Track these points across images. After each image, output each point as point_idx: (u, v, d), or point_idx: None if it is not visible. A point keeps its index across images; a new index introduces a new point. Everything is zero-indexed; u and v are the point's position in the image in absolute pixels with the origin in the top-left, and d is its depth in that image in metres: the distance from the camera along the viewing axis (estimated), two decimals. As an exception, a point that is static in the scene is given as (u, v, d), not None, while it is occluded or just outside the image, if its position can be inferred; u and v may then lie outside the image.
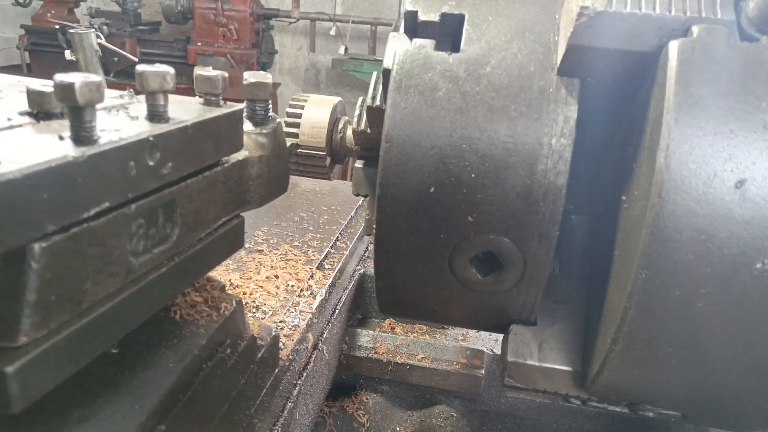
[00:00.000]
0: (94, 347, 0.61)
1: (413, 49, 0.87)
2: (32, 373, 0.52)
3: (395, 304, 1.03)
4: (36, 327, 0.52)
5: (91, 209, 0.55)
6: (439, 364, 1.59)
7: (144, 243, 0.65)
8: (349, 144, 1.25)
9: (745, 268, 0.68)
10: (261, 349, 1.02)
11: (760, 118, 0.68)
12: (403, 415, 1.66)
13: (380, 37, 7.39)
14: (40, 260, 0.51)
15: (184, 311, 0.85)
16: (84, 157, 0.53)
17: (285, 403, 1.18)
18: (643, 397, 0.87)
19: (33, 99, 0.61)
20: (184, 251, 0.74)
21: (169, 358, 0.77)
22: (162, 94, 0.66)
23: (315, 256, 1.56)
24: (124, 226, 0.61)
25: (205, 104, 0.78)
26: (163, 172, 0.65)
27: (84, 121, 0.55)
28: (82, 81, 0.53)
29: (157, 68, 0.65)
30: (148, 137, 0.61)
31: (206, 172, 0.75)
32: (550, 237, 0.83)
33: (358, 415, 1.62)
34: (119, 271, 0.62)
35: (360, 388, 1.69)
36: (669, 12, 0.73)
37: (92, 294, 0.58)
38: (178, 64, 6.74)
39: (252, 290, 1.32)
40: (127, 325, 0.66)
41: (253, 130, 0.89)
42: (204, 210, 0.77)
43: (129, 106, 0.72)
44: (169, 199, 0.68)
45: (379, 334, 1.67)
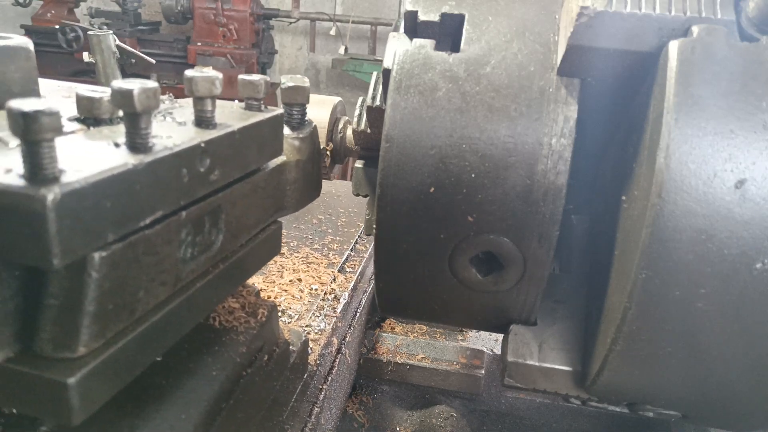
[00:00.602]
0: (147, 356, 0.61)
1: (413, 49, 0.87)
2: (92, 384, 0.52)
3: (395, 304, 1.03)
4: (94, 337, 0.52)
5: (147, 217, 0.55)
6: (439, 364, 1.59)
7: (191, 250, 0.65)
8: (349, 144, 1.25)
9: (745, 268, 0.68)
10: (293, 354, 1.01)
11: (760, 118, 0.67)
12: (403, 415, 1.66)
13: (380, 37, 7.39)
14: (100, 270, 0.50)
15: (222, 318, 0.85)
16: (142, 165, 0.52)
17: (312, 408, 1.17)
18: (643, 397, 0.87)
19: (82, 105, 0.61)
20: (228, 258, 0.74)
21: (211, 366, 0.76)
22: (210, 99, 0.66)
23: (336, 258, 1.56)
24: (175, 233, 0.61)
25: (246, 108, 0.77)
26: (212, 178, 0.64)
27: (140, 128, 0.54)
28: (140, 87, 0.53)
29: (206, 73, 0.64)
30: (200, 143, 0.61)
31: (249, 178, 0.75)
32: (550, 237, 0.83)
33: (358, 415, 1.62)
34: (169, 279, 0.61)
35: (360, 388, 1.69)
36: (669, 12, 0.73)
37: (145, 303, 0.58)
38: (178, 64, 6.75)
39: (276, 294, 1.31)
40: (176, 333, 0.66)
41: (290, 135, 0.89)
42: (246, 216, 0.76)
43: (173, 111, 0.71)
44: (216, 205, 0.68)
45: (379, 334, 1.66)
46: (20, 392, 0.51)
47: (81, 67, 5.90)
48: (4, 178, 0.44)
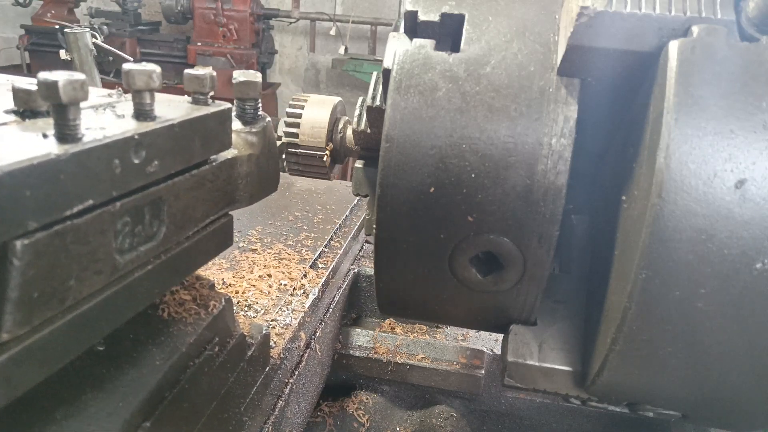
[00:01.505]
0: (79, 344, 0.62)
1: (413, 49, 0.87)
2: (14, 370, 0.53)
3: (395, 304, 1.03)
4: (18, 324, 0.52)
5: (74, 207, 0.55)
6: (439, 364, 1.59)
7: (130, 240, 0.66)
8: (349, 144, 1.25)
9: (745, 268, 0.68)
10: (251, 347, 1.02)
11: (760, 118, 0.68)
12: (403, 415, 1.66)
13: (380, 37, 7.39)
14: (22, 257, 0.51)
15: (172, 309, 0.86)
16: (67, 155, 0.53)
17: (276, 402, 1.18)
18: (643, 397, 0.87)
19: (19, 97, 0.62)
20: (172, 249, 0.74)
21: (155, 356, 0.77)
22: (148, 92, 0.67)
23: (309, 255, 1.56)
24: (109, 223, 0.61)
25: (193, 103, 0.78)
26: (149, 170, 0.65)
27: (68, 119, 0.55)
28: (65, 79, 0.54)
29: (143, 66, 0.65)
30: (134, 135, 0.62)
31: (194, 171, 0.76)
32: (550, 237, 0.83)
33: (358, 415, 1.62)
34: (104, 268, 0.62)
35: (360, 388, 1.69)
36: (669, 12, 0.73)
37: (76, 291, 0.58)
38: (178, 64, 6.75)
39: (245, 289, 1.32)
40: (112, 322, 0.66)
41: (243, 129, 0.90)
42: (192, 208, 0.77)
43: (116, 105, 0.72)
44: (156, 197, 0.68)
45: (379, 334, 1.67)
46: None
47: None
48: None
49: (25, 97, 0.61)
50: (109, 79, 5.65)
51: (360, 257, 1.87)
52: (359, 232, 1.85)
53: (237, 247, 1.54)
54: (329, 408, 1.63)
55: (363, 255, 1.89)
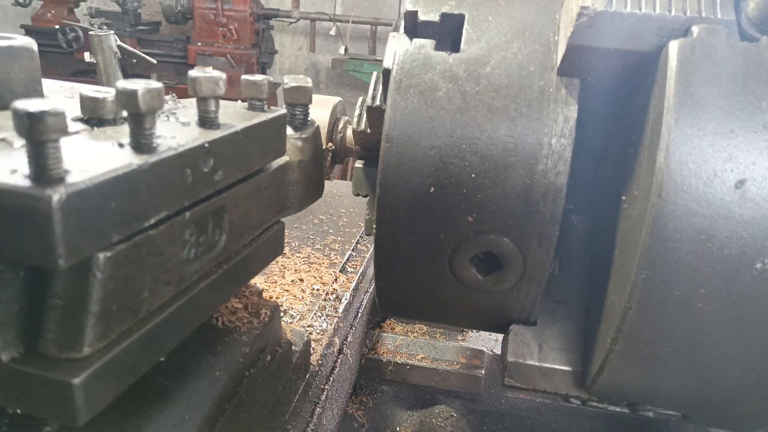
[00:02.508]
0: (152, 356, 0.61)
1: (413, 49, 0.87)
2: (96, 384, 0.52)
3: (395, 304, 1.03)
4: (99, 337, 0.52)
5: (151, 218, 0.55)
6: (439, 364, 1.59)
7: (195, 250, 0.65)
8: (349, 144, 1.25)
9: (745, 268, 0.68)
10: (295, 354, 1.01)
11: (760, 118, 0.68)
12: (403, 415, 1.66)
13: (380, 37, 7.39)
14: (105, 270, 0.50)
15: (225, 318, 0.85)
16: (147, 165, 0.52)
17: (314, 408, 1.17)
18: (643, 397, 0.87)
19: (86, 105, 0.61)
20: (231, 258, 0.74)
21: (214, 366, 0.77)
22: (214, 99, 0.66)
23: (337, 259, 1.56)
24: (179, 233, 0.60)
25: (249, 109, 0.77)
26: (216, 178, 0.64)
27: (144, 129, 0.55)
28: (144, 88, 0.53)
29: (209, 74, 0.64)
30: (204, 144, 0.61)
31: (252, 178, 0.75)
32: (550, 237, 0.83)
33: (358, 415, 1.62)
34: (173, 279, 0.61)
35: (360, 388, 1.69)
36: (669, 12, 0.73)
37: (149, 303, 0.58)
38: (178, 64, 6.74)
39: (278, 294, 1.31)
40: (180, 333, 0.66)
41: (293, 135, 0.89)
42: (249, 216, 0.76)
43: (176, 111, 0.71)
44: (219, 205, 0.68)
45: (379, 334, 1.67)
46: (25, 392, 0.51)
47: (81, 67, 5.91)
48: (10, 178, 0.44)
49: (93, 105, 0.60)
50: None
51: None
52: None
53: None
54: (329, 408, 1.63)
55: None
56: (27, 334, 0.52)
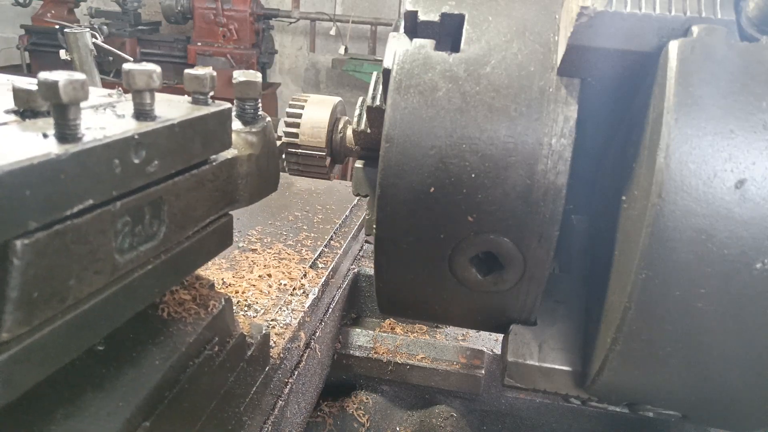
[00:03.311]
0: (79, 344, 0.62)
1: (413, 49, 0.87)
2: (15, 369, 0.53)
3: (395, 304, 1.03)
4: (18, 323, 0.52)
5: (74, 206, 0.55)
6: (439, 364, 1.59)
7: (130, 240, 0.66)
8: (349, 144, 1.25)
9: (745, 268, 0.68)
10: (251, 347, 1.02)
11: (760, 118, 0.68)
12: (403, 415, 1.66)
13: (380, 37, 7.39)
14: (22, 257, 0.51)
15: (172, 309, 0.86)
16: (67, 155, 0.53)
17: (276, 401, 1.18)
18: (643, 397, 0.87)
19: (19, 97, 0.62)
20: (172, 249, 0.74)
21: (155, 356, 0.77)
22: (148, 92, 0.67)
23: (309, 255, 1.56)
24: (109, 223, 0.61)
25: (193, 103, 0.78)
26: (150, 170, 0.65)
27: (68, 119, 0.55)
28: (66, 79, 0.54)
29: (143, 66, 0.65)
30: (134, 135, 0.62)
31: (194, 171, 0.76)
32: (550, 237, 0.83)
33: (358, 415, 1.62)
34: (105, 268, 0.62)
35: (360, 388, 1.69)
36: (669, 12, 0.73)
37: (77, 291, 0.58)
38: (178, 64, 6.75)
39: (244, 289, 1.32)
40: (112, 322, 0.66)
41: (243, 129, 0.90)
42: (192, 208, 0.77)
43: (116, 105, 0.72)
44: (156, 197, 0.68)
45: (379, 334, 1.67)
46: None
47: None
48: None
49: (26, 96, 0.61)
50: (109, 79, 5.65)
51: (360, 257, 1.86)
52: (359, 232, 1.85)
53: (237, 247, 1.54)
54: (329, 408, 1.63)
55: (363, 255, 1.89)
56: None
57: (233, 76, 0.89)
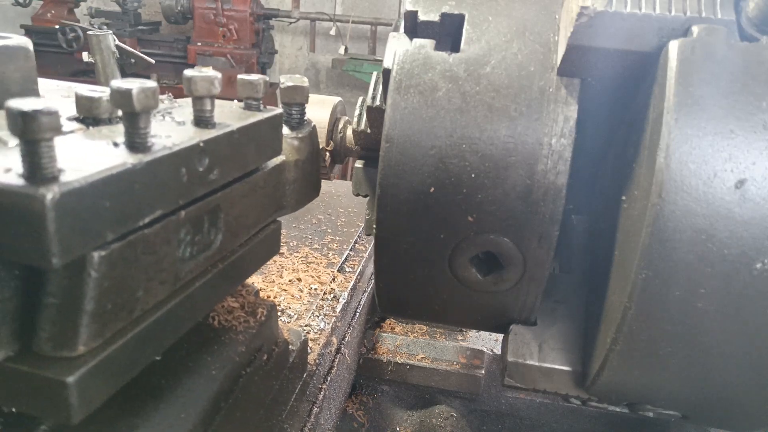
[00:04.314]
0: (147, 355, 0.61)
1: (413, 49, 0.87)
2: (91, 383, 0.52)
3: (395, 304, 1.03)
4: (93, 336, 0.52)
5: (146, 217, 0.55)
6: (439, 364, 1.59)
7: (190, 249, 0.65)
8: (349, 144, 1.24)
9: (745, 268, 0.68)
10: (292, 354, 1.01)
11: (760, 118, 0.67)
12: (403, 415, 1.66)
13: (380, 37, 7.39)
14: (99, 269, 0.51)
15: (222, 317, 0.85)
16: (141, 164, 0.53)
17: (311, 408, 1.17)
18: (643, 397, 0.87)
19: (82, 104, 0.61)
20: (226, 257, 0.74)
21: (210, 365, 0.77)
22: (209, 99, 0.66)
23: (335, 258, 1.56)
24: (174, 233, 0.60)
25: (246, 108, 0.77)
26: (211, 177, 0.65)
27: (139, 128, 0.55)
28: (139, 87, 0.53)
29: (204, 73, 0.64)
30: (199, 143, 0.61)
31: (248, 177, 0.75)
32: (550, 237, 0.83)
33: (358, 415, 1.62)
34: (169, 278, 0.61)
35: (360, 388, 1.69)
36: (669, 12, 0.73)
37: (144, 302, 0.58)
38: (178, 64, 6.74)
39: (276, 294, 1.32)
40: (176, 332, 0.66)
41: (290, 134, 0.89)
42: (245, 215, 0.76)
43: (172, 111, 0.71)
44: (215, 204, 0.68)
45: (379, 334, 1.66)
46: (20, 391, 0.51)
47: (81, 67, 5.90)
48: (4, 177, 0.44)
49: (88, 104, 0.60)
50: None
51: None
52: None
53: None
54: (329, 408, 1.63)
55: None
56: (22, 332, 0.52)
57: (280, 81, 0.89)
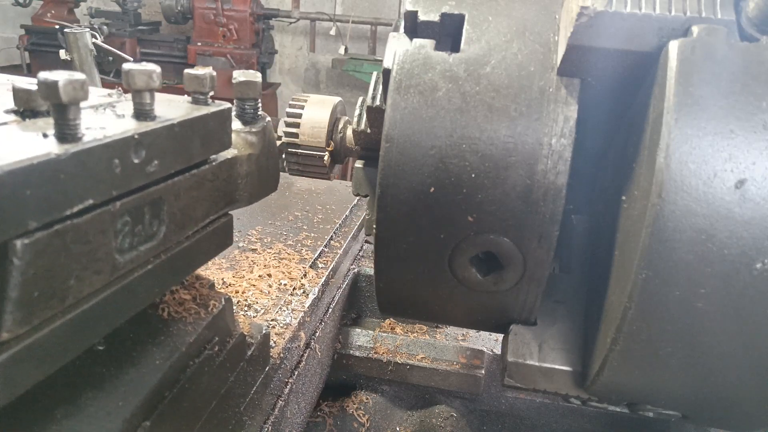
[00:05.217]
0: (79, 344, 0.62)
1: (413, 49, 0.87)
2: (15, 369, 0.53)
3: (395, 304, 1.03)
4: (18, 323, 0.52)
5: (74, 206, 0.55)
6: (439, 364, 1.59)
7: (130, 240, 0.66)
8: (349, 144, 1.25)
9: (746, 268, 0.68)
10: (251, 347, 1.02)
11: (760, 118, 0.68)
12: (403, 415, 1.66)
13: (380, 37, 7.39)
14: (22, 257, 0.51)
15: (172, 309, 0.86)
16: (67, 155, 0.53)
17: (276, 401, 1.18)
18: (643, 397, 0.87)
19: (19, 97, 0.62)
20: (172, 249, 0.74)
21: (155, 356, 0.77)
22: (148, 92, 0.67)
23: (309, 255, 1.56)
24: (109, 223, 0.61)
25: (193, 102, 0.78)
26: (149, 169, 0.65)
27: (68, 119, 0.55)
28: (66, 79, 0.54)
29: (143, 66, 0.65)
30: (134, 135, 0.62)
31: (194, 170, 0.76)
32: (550, 237, 0.83)
33: (358, 415, 1.62)
34: (104, 268, 0.62)
35: (360, 388, 1.69)
36: (669, 12, 0.73)
37: (77, 291, 0.58)
38: (178, 64, 6.75)
39: (244, 289, 1.32)
40: (112, 321, 0.66)
41: (242, 129, 0.90)
42: (192, 208, 0.77)
43: (116, 105, 0.72)
44: (156, 196, 0.68)
45: (379, 334, 1.67)
46: None
47: (81, 67, 5.90)
48: None
49: (25, 96, 0.61)
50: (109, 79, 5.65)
51: (360, 257, 1.87)
52: (359, 232, 1.85)
53: (237, 247, 1.54)
54: (329, 408, 1.63)
55: (363, 255, 1.89)
56: None
57: (233, 76, 0.89)
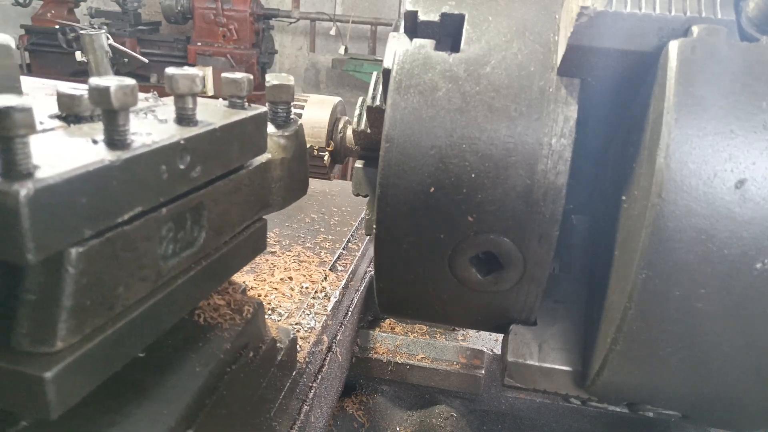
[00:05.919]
0: (127, 352, 0.61)
1: (413, 49, 0.87)
2: (69, 379, 0.52)
3: (395, 304, 1.03)
4: (72, 332, 0.52)
5: (125, 213, 0.55)
6: (439, 364, 1.59)
7: (173, 247, 0.65)
8: (349, 144, 1.25)
9: (746, 268, 0.68)
10: (280, 351, 1.02)
11: (760, 118, 0.67)
12: (403, 415, 1.66)
13: (380, 37, 7.39)
14: (77, 265, 0.51)
15: (207, 315, 0.85)
16: (120, 161, 0.53)
17: (301, 406, 1.17)
18: (643, 397, 0.87)
19: (63, 102, 0.61)
20: (210, 255, 0.74)
21: (195, 362, 0.77)
22: (191, 97, 0.66)
23: (327, 257, 1.56)
24: (155, 230, 0.61)
25: (230, 107, 0.77)
26: (193, 175, 0.65)
27: (118, 125, 0.55)
28: (117, 84, 0.53)
29: (186, 71, 0.64)
30: (180, 140, 0.61)
31: (232, 175, 0.75)
32: (550, 237, 0.83)
33: (358, 415, 1.62)
34: (150, 275, 0.61)
35: (360, 388, 1.69)
36: (669, 12, 0.73)
37: (124, 299, 0.58)
38: (178, 65, 6.74)
39: (267, 292, 1.32)
40: (157, 329, 0.66)
41: (275, 133, 0.89)
42: (229, 213, 0.76)
43: (156, 109, 0.71)
44: (197, 202, 0.68)
45: (379, 334, 1.66)
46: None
47: (81, 67, 5.90)
48: None
49: (69, 102, 0.61)
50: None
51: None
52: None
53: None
54: (329, 408, 1.63)
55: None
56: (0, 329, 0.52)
57: (266, 80, 0.89)
